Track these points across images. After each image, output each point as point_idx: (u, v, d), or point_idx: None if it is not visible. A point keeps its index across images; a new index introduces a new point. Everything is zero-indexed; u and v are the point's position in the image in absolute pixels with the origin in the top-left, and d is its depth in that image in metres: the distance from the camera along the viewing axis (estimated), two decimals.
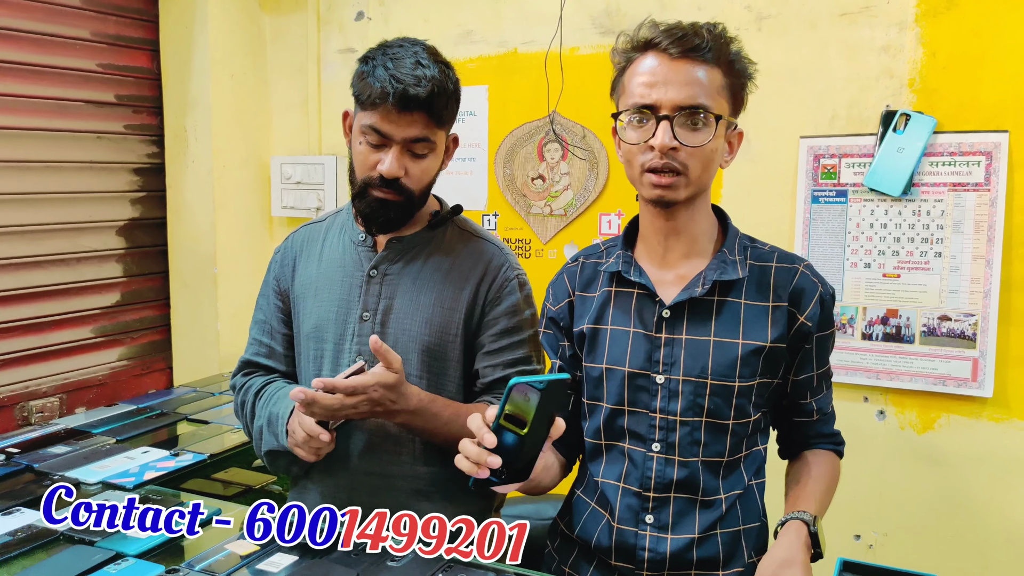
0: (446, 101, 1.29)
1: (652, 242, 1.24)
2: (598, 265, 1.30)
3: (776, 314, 1.19)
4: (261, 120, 2.81)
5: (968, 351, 1.96)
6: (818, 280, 1.22)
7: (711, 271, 1.19)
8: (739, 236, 1.25)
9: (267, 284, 1.48)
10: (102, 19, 2.50)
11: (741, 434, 1.21)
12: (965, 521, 2.00)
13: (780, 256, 1.24)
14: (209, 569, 1.14)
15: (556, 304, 1.32)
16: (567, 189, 2.41)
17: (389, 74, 1.24)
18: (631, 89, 1.16)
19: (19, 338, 2.34)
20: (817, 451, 1.30)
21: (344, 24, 2.70)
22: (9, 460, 1.66)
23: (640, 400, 1.21)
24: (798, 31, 2.09)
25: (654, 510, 1.20)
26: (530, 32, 2.41)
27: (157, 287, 2.74)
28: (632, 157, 1.17)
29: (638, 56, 1.17)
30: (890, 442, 2.07)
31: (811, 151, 2.09)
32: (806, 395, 1.26)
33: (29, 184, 2.33)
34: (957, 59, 1.94)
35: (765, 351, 1.18)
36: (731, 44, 1.17)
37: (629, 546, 1.20)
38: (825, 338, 1.24)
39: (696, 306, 1.20)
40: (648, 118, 1.14)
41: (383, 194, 1.31)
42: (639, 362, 1.20)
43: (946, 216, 1.97)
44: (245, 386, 1.44)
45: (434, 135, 1.30)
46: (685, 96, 1.12)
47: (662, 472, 1.19)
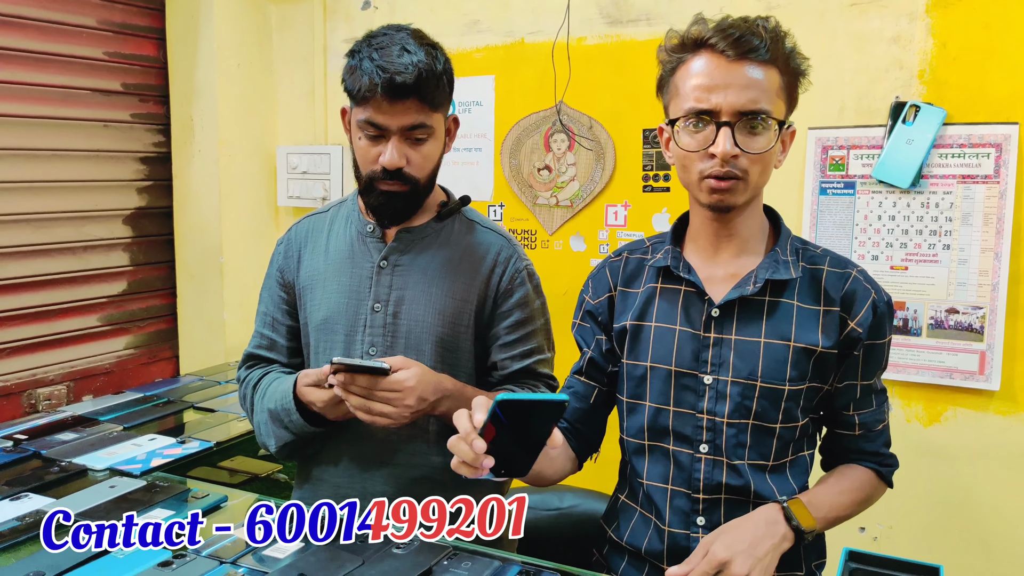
0: (436, 83, 1.27)
1: (703, 242, 1.21)
2: (643, 260, 1.26)
3: (827, 319, 1.15)
4: (267, 109, 2.80)
5: (976, 344, 1.95)
6: (871, 286, 1.17)
7: (763, 270, 1.16)
8: (791, 237, 1.22)
9: (270, 276, 1.48)
10: (108, 7, 2.50)
11: (787, 438, 1.17)
12: (971, 514, 2.00)
13: (832, 260, 1.19)
14: (216, 555, 1.14)
15: (596, 298, 1.28)
16: (573, 180, 2.41)
17: (375, 65, 1.23)
18: (685, 92, 1.11)
19: (27, 326, 2.35)
20: (853, 465, 1.25)
21: (350, 13, 2.69)
22: (17, 447, 1.67)
23: (686, 400, 1.17)
24: (807, 21, 2.07)
25: (705, 511, 1.17)
26: (537, 22, 2.40)
27: (164, 276, 2.75)
28: (689, 163, 1.12)
29: (690, 56, 1.11)
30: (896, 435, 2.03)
31: (819, 142, 2.08)
32: (848, 406, 1.21)
33: (36, 172, 2.34)
34: (967, 50, 1.92)
35: (816, 355, 1.15)
36: (786, 40, 1.12)
37: (682, 549, 1.17)
38: (875, 348, 1.18)
39: (746, 306, 1.16)
40: (706, 123, 1.09)
41: (389, 186, 1.30)
42: (686, 361, 1.17)
43: (955, 208, 1.96)
44: (246, 379, 1.46)
45: (430, 119, 1.29)
46: (746, 101, 1.07)
47: (710, 474, 1.16)
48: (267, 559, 1.13)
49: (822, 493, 1.19)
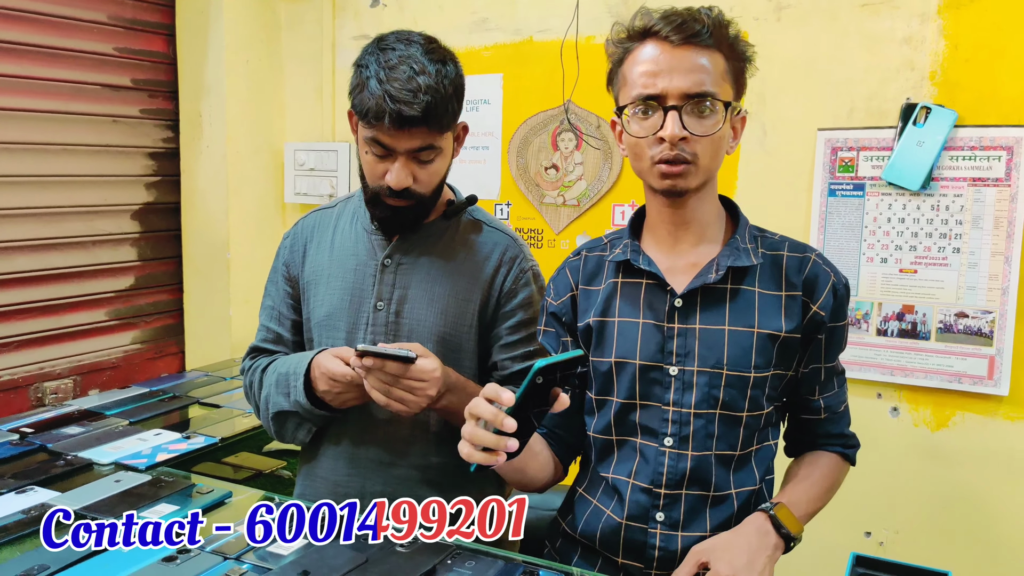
0: (445, 108, 1.24)
1: (661, 232, 1.22)
2: (603, 257, 1.27)
3: (790, 303, 1.17)
4: (275, 106, 2.81)
5: (985, 348, 1.94)
6: (830, 269, 1.20)
7: (724, 257, 1.17)
8: (748, 226, 1.23)
9: (276, 270, 1.48)
10: (119, 3, 2.50)
11: (754, 427, 1.19)
12: (978, 520, 1.98)
13: (791, 245, 1.22)
14: (219, 551, 1.14)
15: (558, 299, 1.28)
16: (581, 179, 2.40)
17: (383, 90, 1.20)
18: (633, 80, 1.13)
19: (34, 320, 2.36)
20: (820, 452, 1.27)
21: (359, 11, 2.69)
22: (23, 440, 1.67)
23: (652, 393, 1.18)
24: (818, 21, 2.06)
25: (665, 508, 1.17)
26: (546, 20, 2.40)
27: (171, 271, 2.75)
28: (640, 150, 1.15)
29: (636, 45, 1.13)
30: (903, 439, 2.05)
31: (829, 144, 2.07)
32: (814, 390, 1.24)
33: (45, 167, 2.35)
34: (980, 52, 1.91)
35: (780, 340, 1.16)
36: (729, 27, 1.14)
37: (639, 543, 1.18)
38: (837, 330, 1.21)
39: (709, 294, 1.17)
40: (654, 109, 1.11)
41: (396, 203, 1.30)
42: (651, 354, 1.18)
43: (965, 211, 1.94)
44: (252, 367, 1.45)
45: (438, 140, 1.27)
46: (691, 84, 1.09)
47: (674, 466, 1.17)
48: (270, 556, 1.13)
49: (799, 491, 1.20)
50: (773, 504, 1.14)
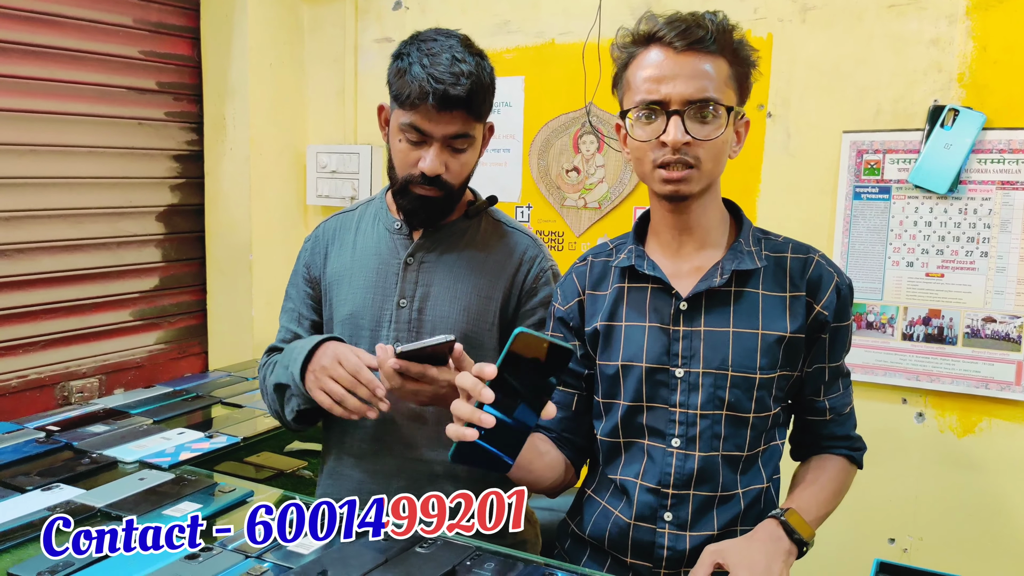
0: (484, 95, 1.28)
1: (665, 237, 1.23)
2: (608, 262, 1.28)
3: (794, 304, 1.18)
4: (298, 109, 2.83)
5: (1012, 354, 1.91)
6: (833, 270, 1.21)
7: (728, 261, 1.18)
8: (752, 228, 1.24)
9: (297, 272, 1.49)
10: (144, 7, 2.54)
11: (760, 428, 1.19)
12: (1004, 528, 1.95)
13: (794, 247, 1.22)
14: (241, 549, 1.15)
15: (565, 304, 1.30)
16: (602, 182, 2.39)
17: (427, 73, 1.23)
18: (636, 85, 1.14)
19: (61, 319, 2.39)
20: (827, 456, 1.27)
21: (382, 14, 2.71)
22: (49, 438, 1.70)
23: (659, 395, 1.19)
24: (844, 23, 2.04)
25: (672, 507, 1.18)
26: (568, 23, 2.40)
27: (194, 272, 2.78)
28: (642, 154, 1.15)
29: (641, 51, 1.15)
30: (929, 445, 2.02)
31: (854, 146, 2.05)
32: (819, 391, 1.24)
33: (71, 168, 2.38)
34: (1008, 54, 1.88)
35: (785, 341, 1.17)
36: (733, 32, 1.15)
37: (647, 543, 1.19)
38: (840, 330, 1.21)
39: (713, 297, 1.18)
40: (657, 114, 1.12)
41: (425, 191, 1.31)
42: (657, 356, 1.19)
43: (993, 215, 1.91)
44: (267, 363, 1.46)
45: (473, 129, 1.30)
46: (694, 90, 1.10)
47: (681, 467, 1.17)
48: (291, 555, 1.14)
49: (808, 495, 1.19)
50: (784, 510, 1.14)
